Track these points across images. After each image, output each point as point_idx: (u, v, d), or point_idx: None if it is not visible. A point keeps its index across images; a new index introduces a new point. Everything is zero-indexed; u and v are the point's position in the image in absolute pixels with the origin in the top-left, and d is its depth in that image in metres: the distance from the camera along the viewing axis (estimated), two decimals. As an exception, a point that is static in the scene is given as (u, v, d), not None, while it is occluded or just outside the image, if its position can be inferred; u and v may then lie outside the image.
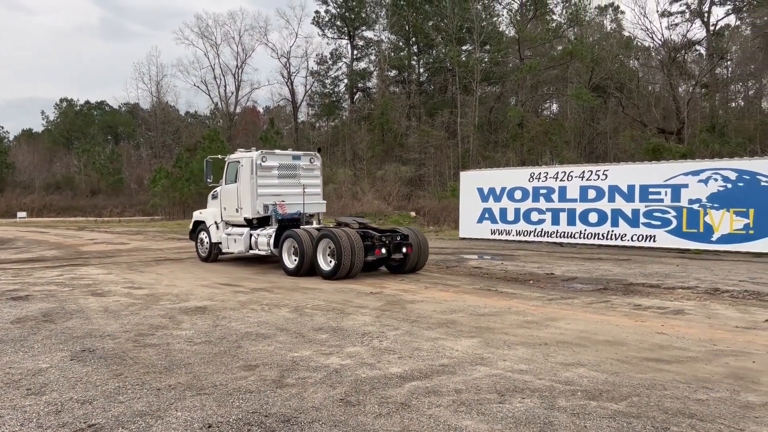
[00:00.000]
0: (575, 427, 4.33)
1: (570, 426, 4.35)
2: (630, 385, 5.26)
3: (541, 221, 20.57)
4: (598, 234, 19.17)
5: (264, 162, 14.57)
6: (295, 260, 12.98)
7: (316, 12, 58.76)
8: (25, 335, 7.39)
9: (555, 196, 20.21)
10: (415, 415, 4.58)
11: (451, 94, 49.72)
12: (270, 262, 15.71)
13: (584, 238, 19.51)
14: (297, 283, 12.16)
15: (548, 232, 20.36)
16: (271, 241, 13.87)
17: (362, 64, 59.83)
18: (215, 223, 15.83)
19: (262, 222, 14.77)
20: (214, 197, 16.21)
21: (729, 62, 46.53)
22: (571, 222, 19.75)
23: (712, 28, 47.17)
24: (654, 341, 6.89)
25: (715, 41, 46.37)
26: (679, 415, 4.53)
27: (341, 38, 59.67)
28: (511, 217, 21.38)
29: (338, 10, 58.14)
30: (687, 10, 48.30)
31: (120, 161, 70.84)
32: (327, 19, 58.65)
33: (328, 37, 59.61)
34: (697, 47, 47.07)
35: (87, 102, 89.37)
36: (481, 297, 10.15)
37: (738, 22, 47.68)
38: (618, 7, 52.02)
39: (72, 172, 70.39)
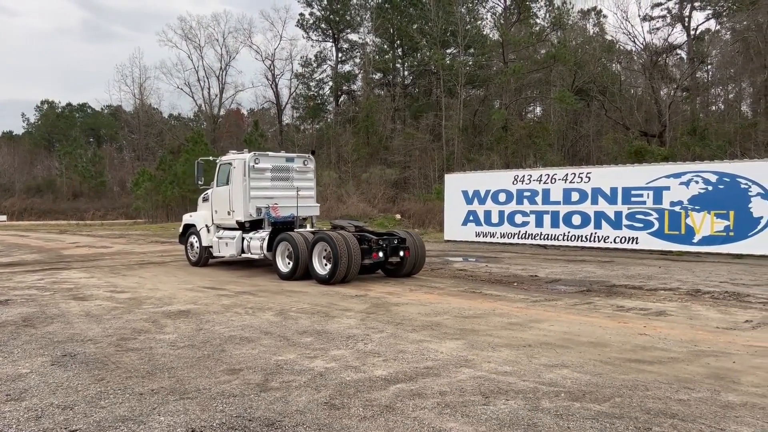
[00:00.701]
0: (559, 428, 4.36)
1: (554, 427, 4.37)
2: (613, 386, 5.30)
3: (525, 223, 20.68)
4: (582, 236, 19.31)
5: (257, 164, 14.31)
6: (290, 264, 12.79)
7: (301, 14, 58.77)
8: (5, 340, 7.28)
9: (539, 199, 20.33)
10: (400, 418, 4.58)
11: (435, 97, 49.88)
12: (256, 265, 15.64)
13: (568, 240, 19.65)
14: (281, 286, 12.12)
15: (532, 234, 20.48)
16: (264, 244, 13.60)
17: (347, 67, 59.91)
18: (206, 226, 15.51)
19: (255, 225, 14.50)
20: (205, 200, 15.90)
21: (709, 66, 47.20)
22: (554, 224, 19.88)
23: (692, 32, 47.81)
24: (636, 342, 6.95)
25: (696, 45, 47.01)
26: (661, 416, 4.57)
27: (326, 41, 59.71)
28: (495, 219, 21.47)
29: (323, 12, 58.17)
30: (668, 15, 48.94)
31: (102, 164, 70.19)
32: (311, 21, 58.68)
33: (312, 39, 59.64)
34: (678, 51, 47.71)
35: (69, 104, 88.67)
36: (465, 299, 10.18)
37: (718, 27, 48.40)
38: (600, 11, 52.56)
39: (53, 174, 69.67)
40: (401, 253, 12.72)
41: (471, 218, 22.18)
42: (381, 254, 12.39)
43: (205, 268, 15.62)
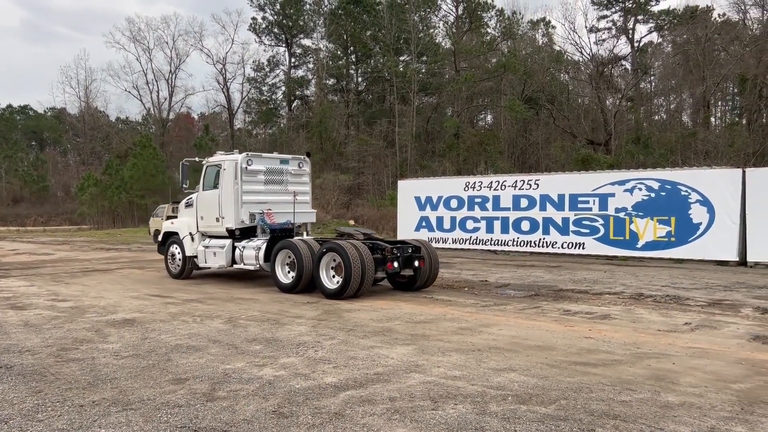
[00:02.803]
0: (505, 431, 4.42)
1: (501, 430, 4.42)
2: (558, 389, 5.40)
3: (476, 229, 20.96)
4: (531, 242, 19.69)
5: (249, 165, 13.10)
6: (291, 275, 11.66)
7: (253, 19, 58.20)
8: (-65, 352, 6.93)
9: (489, 205, 20.65)
10: (349, 425, 4.56)
11: (389, 103, 50.14)
12: (205, 273, 15.27)
13: (517, 245, 20.00)
14: (231, 293, 11.93)
15: (483, 239, 20.77)
16: (261, 254, 12.39)
17: (300, 72, 59.63)
18: (190, 234, 14.06)
19: (245, 233, 13.30)
20: (189, 205, 14.46)
21: (652, 77, 48.97)
22: (504, 230, 20.21)
23: (636, 44, 49.60)
24: (582, 345, 7.11)
25: (640, 57, 48.72)
26: (604, 417, 4.68)
27: (279, 45, 59.29)
28: (447, 225, 21.69)
29: (275, 17, 57.75)
30: (613, 27, 50.64)
31: (45, 168, 67.89)
32: (264, 26, 58.18)
33: (265, 44, 59.12)
34: (623, 62, 49.37)
35: (9, 106, 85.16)
36: (417, 304, 10.23)
37: (660, 40, 50.33)
38: (549, 22, 53.88)
39: (-8, 179, 66.90)
40: (416, 264, 11.56)
41: (423, 224, 22.34)
42: (396, 264, 11.21)
43: (151, 275, 15.23)
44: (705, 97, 38.48)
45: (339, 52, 55.90)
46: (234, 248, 13.14)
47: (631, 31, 49.98)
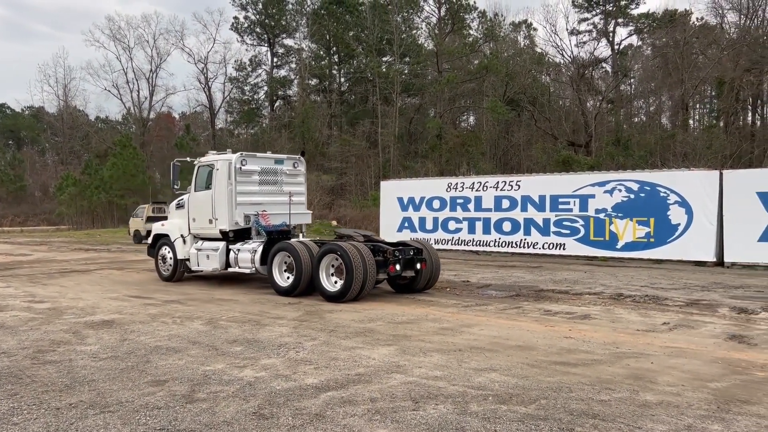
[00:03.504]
0: (486, 431, 4.43)
1: (481, 430, 4.44)
2: (539, 389, 5.44)
3: (458, 230, 21.03)
4: (512, 242, 19.81)
5: (244, 165, 12.74)
6: (289, 278, 11.37)
7: (235, 18, 57.81)
8: None
9: (471, 206, 20.73)
10: (330, 426, 4.55)
11: (371, 104, 50.13)
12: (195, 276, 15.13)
13: (499, 246, 20.10)
14: (212, 294, 11.84)
15: (465, 240, 20.84)
16: (257, 257, 12.07)
17: (282, 72, 59.37)
18: (181, 236, 13.70)
19: (239, 235, 12.93)
20: (180, 206, 14.06)
21: (632, 80, 49.50)
22: (486, 231, 20.30)
23: (616, 47, 50.14)
24: (562, 345, 7.17)
25: (620, 60, 49.27)
26: (583, 416, 4.72)
27: (261, 45, 58.99)
28: (429, 226, 21.73)
29: (258, 16, 57.45)
30: (594, 30, 51.17)
31: (22, 167, 66.74)
32: (246, 25, 57.83)
33: (247, 43, 58.79)
34: (604, 65, 49.88)
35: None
36: (398, 305, 10.23)
37: (640, 43, 50.90)
38: (531, 24, 54.29)
39: (-33, 178, 65.71)
40: (417, 266, 11.35)
41: (406, 225, 22.36)
42: (398, 267, 10.96)
43: (134, 276, 15.08)
44: (683, 100, 38.99)
45: (321, 53, 55.78)
46: (228, 251, 12.79)
47: (611, 34, 50.55)
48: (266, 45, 58.53)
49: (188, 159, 14.29)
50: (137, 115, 61.89)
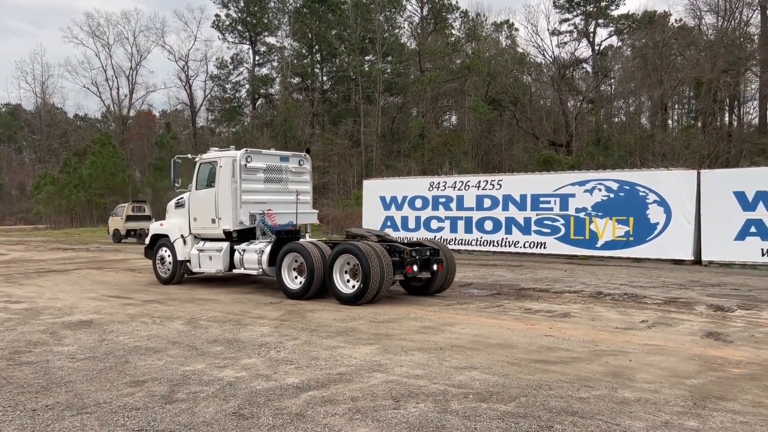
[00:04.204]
0: (466, 428, 4.45)
1: (461, 428, 4.46)
2: (519, 386, 5.47)
3: (440, 229, 21.09)
4: (493, 241, 19.92)
5: (249, 163, 12.24)
6: (299, 280, 10.90)
7: (216, 15, 57.45)
8: None
9: (453, 205, 20.81)
10: (310, 425, 4.53)
11: (354, 103, 50.08)
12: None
13: (480, 245, 20.20)
14: (192, 294, 11.75)
15: (447, 239, 20.90)
16: (264, 257, 11.51)
17: (264, 70, 59.11)
18: (181, 237, 13.15)
19: (242, 235, 12.46)
20: (180, 205, 13.52)
21: (612, 80, 50.00)
22: (468, 230, 20.40)
23: (597, 47, 50.60)
24: (542, 343, 7.22)
25: (600, 60, 49.73)
26: (562, 414, 4.76)
27: (242, 43, 58.68)
28: (412, 225, 21.77)
29: (239, 14, 57.11)
30: (575, 30, 51.58)
31: (-1, 165, 65.77)
32: (228, 23, 57.49)
33: (228, 41, 58.47)
34: (584, 65, 50.34)
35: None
36: (380, 304, 10.22)
37: (620, 44, 51.42)
38: (512, 24, 54.64)
39: (-57, 176, 64.57)
40: (434, 267, 10.84)
41: (389, 224, 22.38)
42: (416, 268, 10.45)
43: (113, 276, 14.91)
44: (663, 100, 39.46)
45: (304, 51, 55.59)
46: (232, 251, 12.23)
47: (591, 35, 51.02)
48: (248, 43, 58.24)
49: (189, 156, 13.74)
50: (117, 113, 61.23)
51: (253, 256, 11.78)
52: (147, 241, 14.21)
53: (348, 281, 10.31)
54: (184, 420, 4.66)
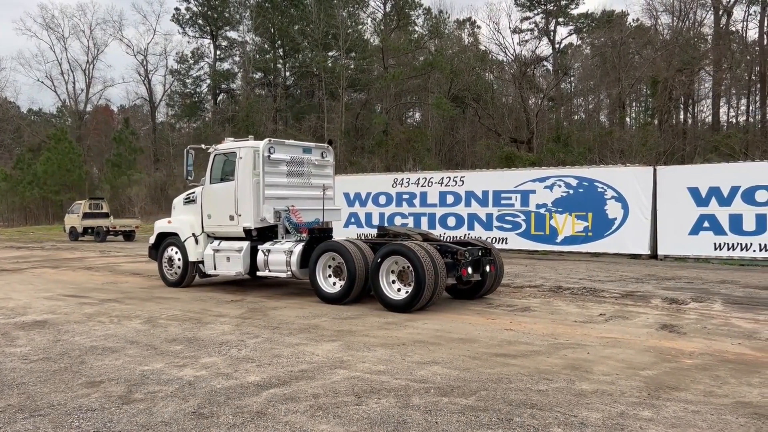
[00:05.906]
0: (427, 423, 4.48)
1: (422, 423, 4.49)
2: (479, 380, 5.53)
3: (403, 225, 21.12)
4: (456, 237, 20.05)
5: (272, 154, 11.14)
6: (337, 283, 9.87)
7: (176, 9, 56.55)
8: None
9: (417, 201, 20.91)
10: (271, 423, 4.50)
11: (317, 99, 49.85)
12: (121, 271, 14.72)
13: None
14: (151, 293, 11.54)
15: (410, 235, 20.98)
16: (294, 258, 10.34)
17: (226, 65, 58.42)
18: (193, 235, 11.93)
19: (262, 234, 11.36)
20: (190, 201, 12.30)
21: (572, 78, 50.90)
22: (431, 226, 20.51)
23: (557, 46, 51.40)
24: (503, 337, 7.31)
25: (560, 58, 50.54)
26: (522, 406, 4.83)
27: (203, 37, 57.84)
28: (375, 221, 21.78)
29: (200, 8, 56.27)
30: (535, 28, 52.30)
31: (-52, 161, 63.38)
32: (188, 17, 56.60)
33: (189, 35, 57.61)
34: (545, 63, 51.08)
35: None
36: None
37: (579, 42, 52.36)
38: (475, 22, 55.15)
39: None
40: (487, 268, 9.89)
41: (353, 220, 22.35)
42: (470, 270, 9.49)
43: (69, 275, 14.52)
44: (620, 98, 40.35)
45: (266, 46, 55.08)
46: (254, 251, 11.07)
47: (552, 33, 51.81)
48: (209, 37, 57.43)
49: (203, 146, 12.58)
50: (73, 108, 59.71)
51: (281, 257, 10.59)
52: (152, 240, 12.90)
53: (395, 285, 9.28)
54: (141, 420, 4.58)
